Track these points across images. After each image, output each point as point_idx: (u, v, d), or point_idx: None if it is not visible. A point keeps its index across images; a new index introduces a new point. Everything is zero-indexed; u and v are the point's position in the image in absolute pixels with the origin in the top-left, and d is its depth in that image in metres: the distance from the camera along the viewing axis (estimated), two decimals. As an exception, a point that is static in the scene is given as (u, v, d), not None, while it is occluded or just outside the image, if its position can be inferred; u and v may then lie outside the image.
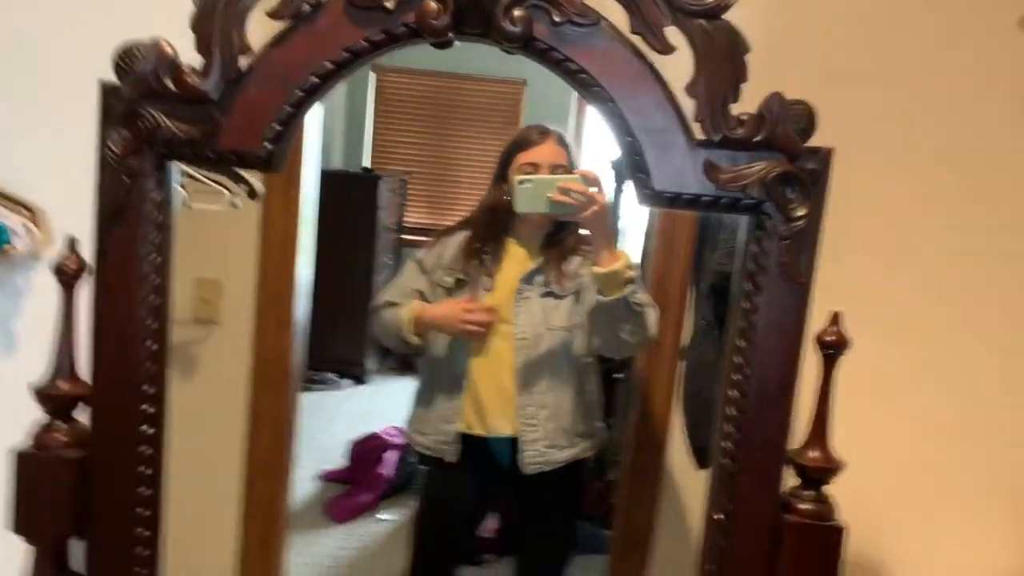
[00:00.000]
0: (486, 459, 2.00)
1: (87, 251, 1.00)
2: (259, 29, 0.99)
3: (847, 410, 1.07)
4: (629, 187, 1.00)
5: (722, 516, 1.02)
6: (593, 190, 1.67)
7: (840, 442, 1.08)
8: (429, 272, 2.03)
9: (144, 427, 1.01)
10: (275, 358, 2.31)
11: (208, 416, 2.28)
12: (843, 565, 1.01)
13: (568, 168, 1.93)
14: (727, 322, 1.83)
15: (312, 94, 0.97)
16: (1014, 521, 1.44)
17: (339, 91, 5.98)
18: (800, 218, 0.96)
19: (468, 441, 1.98)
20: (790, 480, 1.04)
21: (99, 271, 0.99)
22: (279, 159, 1.00)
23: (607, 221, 1.75)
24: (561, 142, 1.95)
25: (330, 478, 3.88)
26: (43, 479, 0.99)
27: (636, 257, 4.07)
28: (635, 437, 2.40)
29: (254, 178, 2.02)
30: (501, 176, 1.97)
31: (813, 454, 1.02)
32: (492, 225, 1.98)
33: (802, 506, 1.02)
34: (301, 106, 0.98)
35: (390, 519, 3.57)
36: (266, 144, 0.98)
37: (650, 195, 0.99)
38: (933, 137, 1.55)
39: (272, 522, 2.37)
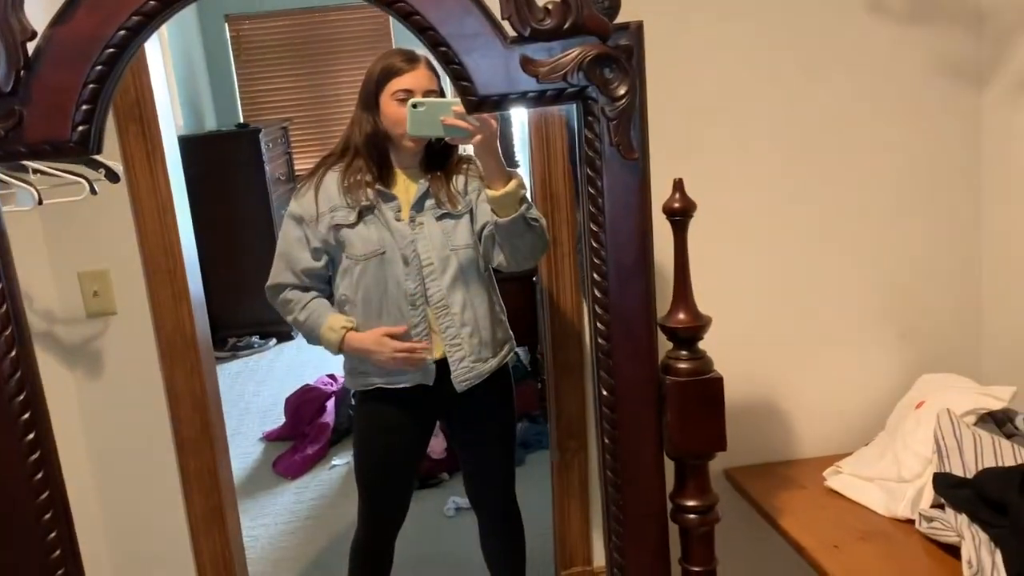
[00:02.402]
0: (418, 387, 2.02)
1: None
2: (43, 11, 0.95)
3: (718, 267, 1.11)
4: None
5: (605, 391, 1.06)
6: (485, 115, 1.66)
7: (716, 297, 1.14)
8: (310, 221, 1.99)
9: (27, 437, 0.99)
10: (179, 334, 2.29)
11: (129, 405, 2.26)
12: (745, 411, 1.07)
13: (439, 93, 1.91)
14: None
15: (113, 65, 0.94)
16: (891, 340, 1.53)
17: (196, 49, 5.74)
18: (623, 96, 0.98)
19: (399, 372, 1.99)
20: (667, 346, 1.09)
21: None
22: (96, 140, 0.97)
23: (497, 144, 1.75)
24: (430, 67, 1.92)
25: (272, 437, 3.89)
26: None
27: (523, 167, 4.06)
28: (551, 332, 2.46)
29: (111, 160, 1.96)
30: (371, 104, 1.94)
31: (680, 316, 1.06)
32: (372, 155, 1.95)
33: (679, 365, 1.07)
34: (105, 81, 0.94)
35: (342, 463, 3.61)
36: (78, 127, 0.95)
37: (477, 101, 1.00)
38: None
39: (217, 492, 2.38)
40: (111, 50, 0.94)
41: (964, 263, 1.55)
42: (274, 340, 5.31)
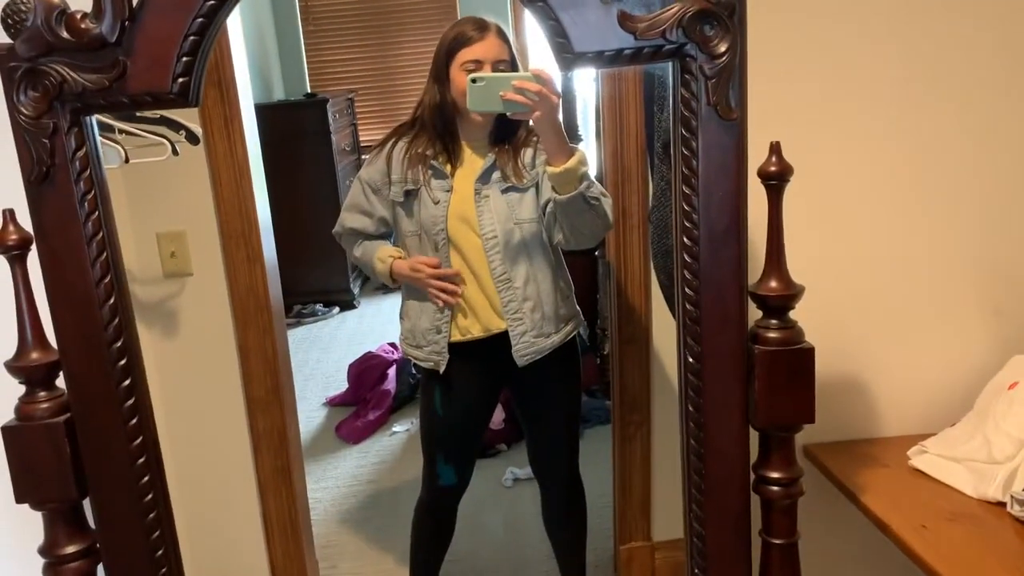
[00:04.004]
0: (480, 360, 2.03)
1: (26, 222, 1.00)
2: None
3: (808, 234, 1.08)
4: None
5: (692, 359, 1.04)
6: (545, 88, 1.64)
7: (807, 266, 1.11)
8: (378, 189, 2.02)
9: (124, 383, 1.02)
10: (252, 296, 2.33)
11: (202, 365, 2.31)
12: (826, 387, 1.05)
13: (510, 62, 1.90)
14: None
15: (212, 17, 0.95)
16: (984, 318, 1.48)
17: (266, 18, 5.80)
18: (723, 54, 0.96)
19: (461, 346, 2.01)
20: (757, 314, 1.07)
21: (40, 238, 0.98)
22: (195, 92, 0.98)
23: (558, 119, 1.73)
24: (501, 35, 1.91)
25: (335, 403, 3.96)
26: (33, 449, 1.01)
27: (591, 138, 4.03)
28: (617, 306, 2.45)
29: (191, 123, 1.99)
30: (441, 75, 1.94)
31: (771, 284, 1.04)
32: (437, 127, 1.96)
33: (769, 335, 1.05)
34: (205, 32, 0.95)
35: (403, 430, 3.65)
36: (178, 79, 0.96)
37: (572, 58, 0.98)
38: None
39: (284, 453, 2.43)
40: (211, 2, 0.94)
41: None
42: (337, 308, 5.38)
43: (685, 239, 1.01)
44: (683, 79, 0.97)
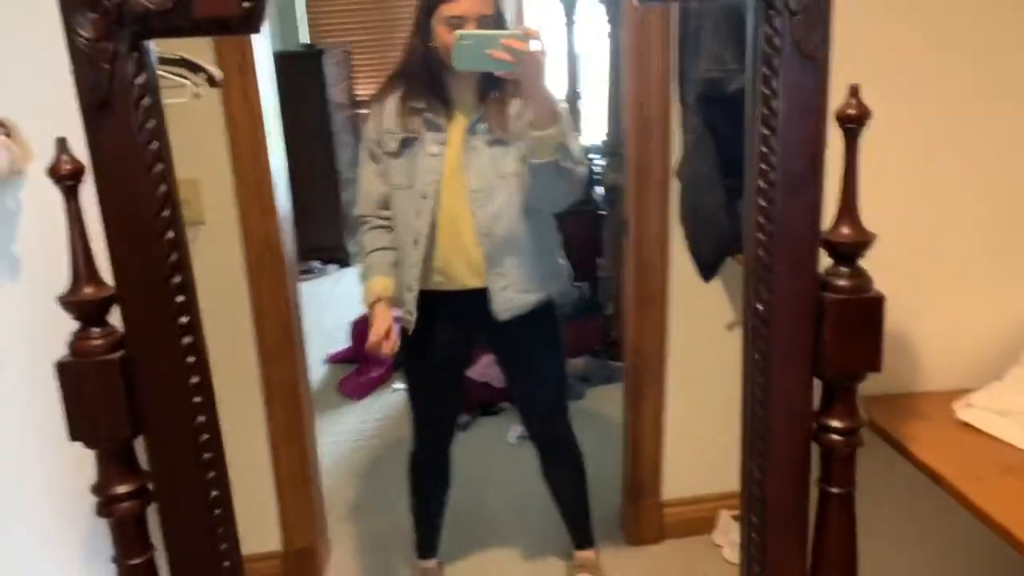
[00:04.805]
0: (454, 314, 2.02)
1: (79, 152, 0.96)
2: None
3: (869, 183, 1.06)
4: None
5: (761, 306, 1.03)
6: (534, 47, 1.60)
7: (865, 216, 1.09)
8: (375, 144, 2.00)
9: (181, 319, 0.99)
10: (267, 247, 2.29)
11: (215, 316, 2.26)
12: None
13: (495, 17, 1.86)
14: (718, 126, 1.83)
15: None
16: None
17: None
18: (809, -9, 0.93)
19: (435, 298, 1.99)
20: (824, 260, 1.05)
21: (98, 168, 0.95)
22: (258, 17, 0.94)
23: (545, 79, 1.69)
24: None
25: (337, 360, 3.93)
26: (89, 385, 0.98)
27: (601, 85, 3.97)
28: (634, 264, 2.43)
29: (211, 65, 1.94)
30: (424, 29, 1.89)
31: (844, 231, 1.02)
32: (425, 79, 1.92)
33: (839, 283, 1.03)
34: (272, -44, 0.91)
35: (405, 387, 3.63)
36: (243, 3, 0.92)
37: (651, -7, 0.95)
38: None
39: (297, 406, 2.41)
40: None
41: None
42: (335, 265, 5.33)
43: (761, 182, 0.99)
44: (767, 14, 0.94)
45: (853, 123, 0.99)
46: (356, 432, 3.33)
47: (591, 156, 4.43)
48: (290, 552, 2.46)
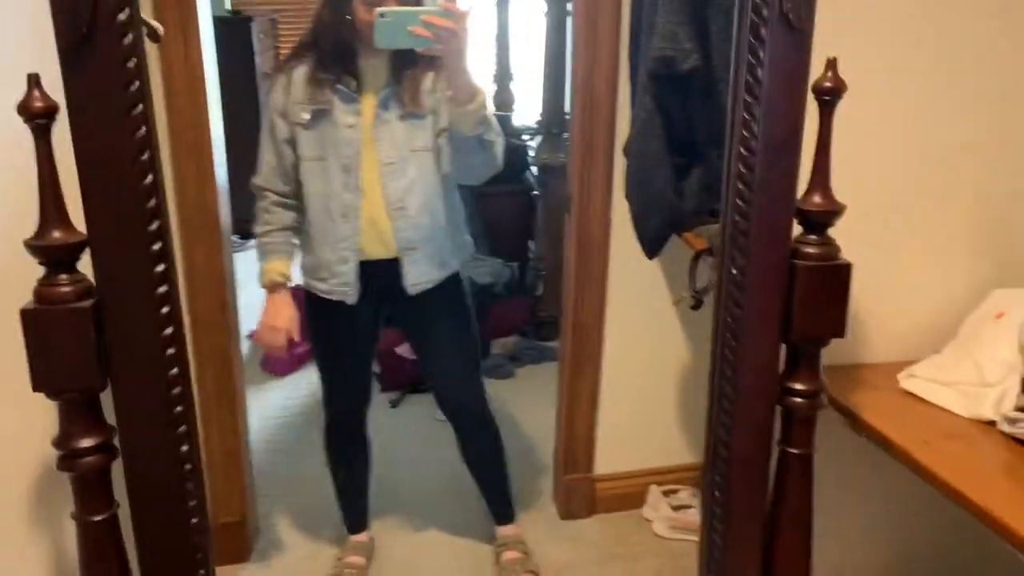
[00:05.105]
0: (368, 285, 1.99)
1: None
2: None
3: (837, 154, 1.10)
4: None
5: (736, 271, 1.06)
6: (455, 24, 1.59)
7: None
8: (285, 114, 1.93)
9: (157, 267, 0.96)
10: (201, 212, 2.23)
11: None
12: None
13: None
14: (669, 104, 1.86)
15: None
16: (967, 255, 1.55)
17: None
18: (798, -38, 0.96)
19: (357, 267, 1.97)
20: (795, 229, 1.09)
21: (74, 108, 0.91)
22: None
23: (466, 56, 1.68)
24: None
25: (261, 335, 3.84)
26: (57, 334, 0.94)
27: (536, 65, 3.96)
28: (576, 240, 2.46)
29: (153, 20, 1.86)
30: (340, 2, 1.84)
31: (816, 199, 1.06)
32: (337, 52, 1.88)
33: (809, 250, 1.07)
34: None
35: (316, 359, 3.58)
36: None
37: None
38: None
39: (229, 376, 2.36)
40: None
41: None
42: (253, 240, 5.19)
43: (742, 149, 1.02)
44: (757, -15, 0.97)
45: (828, 95, 1.03)
46: (281, 408, 3.26)
47: (523, 137, 4.46)
48: (218, 526, 2.40)
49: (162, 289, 0.96)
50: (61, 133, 0.96)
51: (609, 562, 2.37)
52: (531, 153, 4.03)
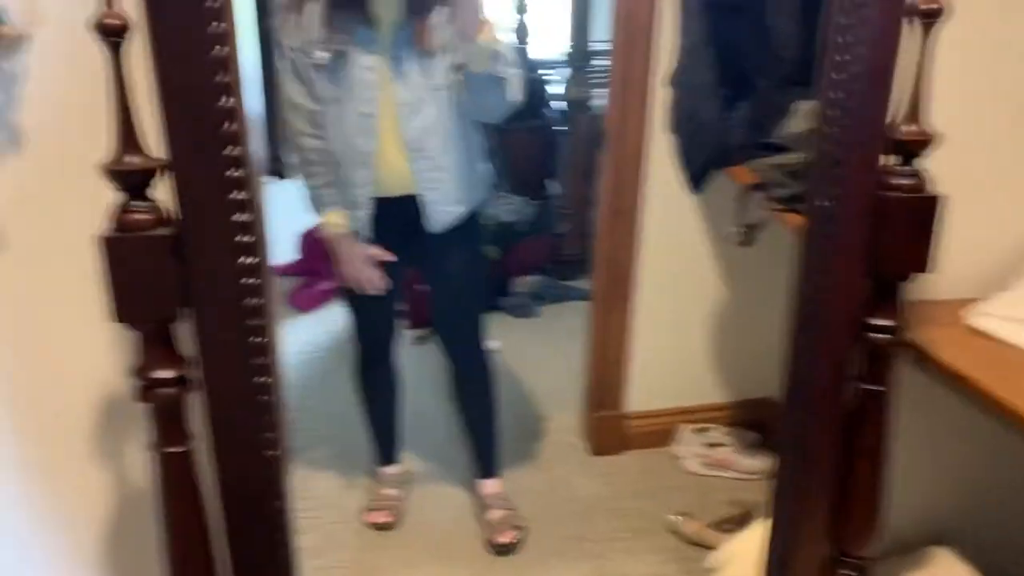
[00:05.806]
0: (391, 221, 1.98)
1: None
2: None
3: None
4: None
5: (829, 202, 1.03)
6: None
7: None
8: (299, 49, 1.85)
9: (235, 193, 0.93)
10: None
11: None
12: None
13: None
14: (723, 33, 1.80)
15: None
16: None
17: None
18: None
19: (378, 204, 1.95)
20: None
21: (154, 26, 0.87)
22: None
23: None
24: None
25: (285, 272, 3.83)
26: (136, 262, 0.92)
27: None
28: (613, 175, 2.42)
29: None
30: None
31: (912, 128, 1.03)
32: None
33: (900, 181, 1.04)
34: None
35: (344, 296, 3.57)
36: None
37: None
38: None
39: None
40: None
41: None
42: (276, 177, 5.13)
43: (836, 74, 0.98)
44: (860, -100, 0.92)
45: (930, 16, 0.99)
46: (310, 344, 3.26)
47: (542, 71, 4.37)
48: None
49: (241, 217, 0.94)
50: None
51: (642, 496, 2.38)
52: (548, 88, 3.95)
